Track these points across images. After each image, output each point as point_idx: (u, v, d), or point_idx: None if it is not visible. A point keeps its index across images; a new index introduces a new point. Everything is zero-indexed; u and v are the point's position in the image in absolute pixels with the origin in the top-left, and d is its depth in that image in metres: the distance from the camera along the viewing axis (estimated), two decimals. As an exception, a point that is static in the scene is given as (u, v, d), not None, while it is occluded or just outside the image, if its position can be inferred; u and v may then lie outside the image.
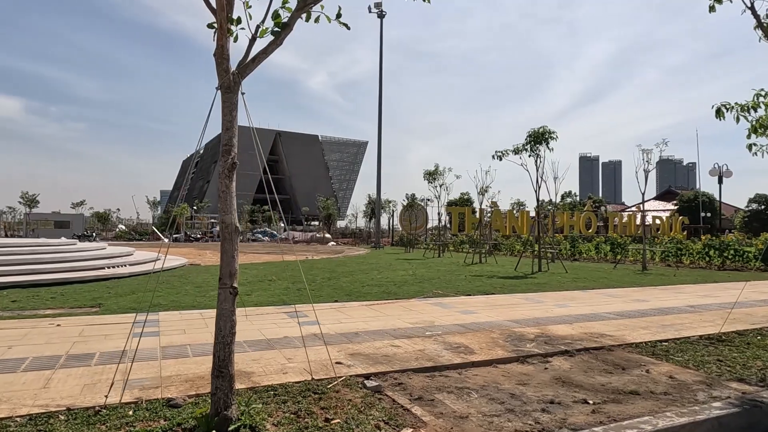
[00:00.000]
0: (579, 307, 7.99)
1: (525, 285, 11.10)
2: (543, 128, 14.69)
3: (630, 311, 7.63)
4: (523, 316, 7.07)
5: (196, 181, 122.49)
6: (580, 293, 9.78)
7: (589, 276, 13.57)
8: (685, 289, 10.78)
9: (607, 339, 5.67)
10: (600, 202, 72.20)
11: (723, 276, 14.34)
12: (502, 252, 26.94)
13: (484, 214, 40.67)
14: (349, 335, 5.64)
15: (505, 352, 5.00)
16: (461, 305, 7.96)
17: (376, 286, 10.36)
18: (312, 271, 13.94)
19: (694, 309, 7.96)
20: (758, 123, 5.78)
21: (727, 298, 9.41)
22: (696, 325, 6.57)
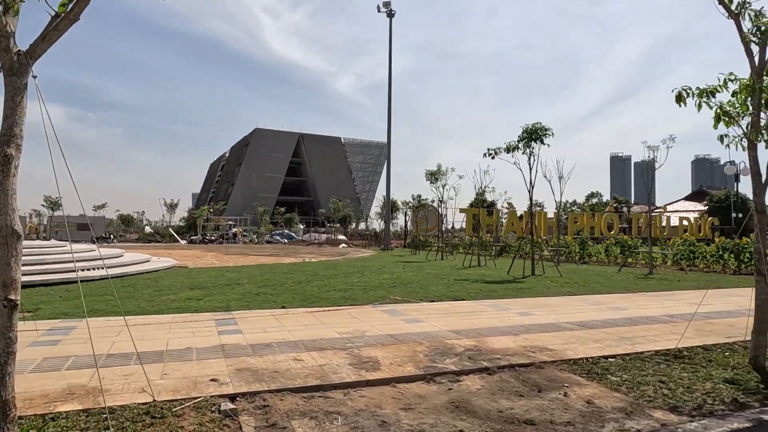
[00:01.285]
0: (543, 315, 7.34)
1: (505, 290, 10.46)
2: (537, 125, 13.96)
3: (596, 321, 6.96)
4: (472, 325, 6.49)
5: (221, 183, 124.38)
6: (558, 300, 9.09)
7: (584, 280, 12.78)
8: (678, 296, 9.95)
9: (545, 354, 5.06)
10: (625, 203, 69.85)
11: (732, 281, 13.32)
12: (511, 254, 26.07)
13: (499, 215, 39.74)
14: (258, 347, 5.20)
15: (415, 369, 4.47)
16: (414, 313, 7.42)
17: (343, 290, 9.90)
18: (294, 273, 13.57)
19: (671, 319, 7.22)
20: (721, 110, 5.10)
21: (720, 306, 8.59)
22: (660, 338, 5.88)
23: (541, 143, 14.01)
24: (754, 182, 5.06)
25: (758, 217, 5.03)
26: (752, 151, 5.10)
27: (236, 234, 49.26)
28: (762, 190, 5.01)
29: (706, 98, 5.03)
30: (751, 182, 5.07)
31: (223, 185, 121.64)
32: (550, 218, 43.02)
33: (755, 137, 5.02)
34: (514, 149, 14.21)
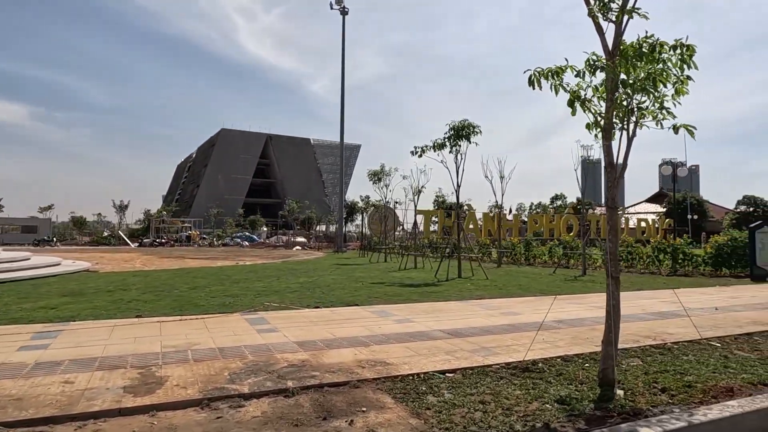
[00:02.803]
0: (422, 322, 6.75)
1: (411, 294, 9.87)
2: (464, 122, 13.47)
3: (474, 328, 6.39)
4: (326, 335, 5.85)
5: (187, 185, 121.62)
6: (455, 304, 8.53)
7: (507, 283, 12.31)
8: (588, 299, 9.53)
9: (374, 370, 4.44)
10: (588, 205, 70.69)
11: (659, 282, 13.04)
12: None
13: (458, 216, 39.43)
14: (45, 365, 4.43)
15: (197, 392, 3.78)
16: (279, 321, 6.74)
17: (232, 296, 9.16)
18: (203, 278, 12.73)
19: (558, 325, 6.70)
20: (574, 94, 4.57)
21: (623, 310, 8.15)
22: (523, 348, 5.33)
23: (468, 141, 13.53)
24: (607, 175, 4.55)
25: (608, 213, 4.51)
26: (606, 140, 4.57)
27: (191, 236, 47.77)
28: (615, 184, 4.49)
29: (553, 79, 4.50)
30: (603, 175, 4.57)
31: (188, 187, 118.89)
32: (509, 220, 43.04)
33: (609, 125, 4.51)
34: (441, 147, 13.69)
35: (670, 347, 5.55)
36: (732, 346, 5.70)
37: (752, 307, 8.58)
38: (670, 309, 8.26)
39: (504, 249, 20.96)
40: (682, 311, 8.04)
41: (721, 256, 15.29)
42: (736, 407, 3.58)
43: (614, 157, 4.66)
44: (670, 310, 8.10)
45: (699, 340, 5.93)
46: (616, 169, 4.55)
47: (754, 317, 7.56)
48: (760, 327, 6.77)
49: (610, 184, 4.51)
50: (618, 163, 4.60)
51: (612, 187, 4.49)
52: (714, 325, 6.85)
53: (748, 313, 7.99)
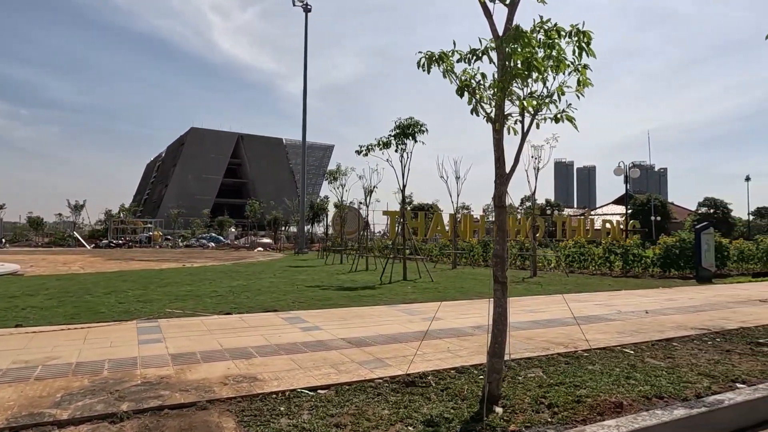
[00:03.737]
0: (329, 331, 6.29)
1: (343, 298, 9.43)
2: (410, 120, 13.08)
3: (381, 336, 5.97)
4: (209, 347, 5.34)
5: (156, 185, 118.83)
6: (381, 309, 8.12)
7: (451, 285, 11.97)
8: (524, 302, 9.23)
9: (231, 388, 3.95)
10: (557, 206, 71.50)
11: (604, 284, 12.89)
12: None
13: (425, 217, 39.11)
14: None
15: (1, 421, 3.24)
16: (175, 330, 6.20)
17: (144, 302, 8.55)
18: (133, 281, 12.04)
19: (474, 331, 6.34)
20: (463, 82, 4.18)
21: (552, 314, 7.87)
22: (419, 359, 4.92)
23: (414, 140, 13.15)
24: (496, 170, 4.17)
25: (496, 212, 4.13)
26: (497, 133, 4.20)
27: (151, 238, 46.38)
28: (504, 180, 4.11)
29: (437, 65, 4.11)
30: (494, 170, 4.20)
31: (157, 187, 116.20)
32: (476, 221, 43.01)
33: (499, 116, 4.14)
34: (386, 146, 13.28)
35: (579, 355, 5.22)
36: (646, 353, 5.41)
37: (684, 310, 8.39)
38: (600, 312, 8.01)
39: (462, 250, 20.69)
40: (610, 315, 7.79)
41: (670, 257, 15.28)
42: (612, 427, 3.23)
43: (503, 152, 4.31)
44: (599, 314, 7.84)
45: (614, 346, 5.63)
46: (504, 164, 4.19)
47: (681, 321, 7.34)
48: (683, 332, 6.53)
49: (500, 181, 4.13)
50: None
51: (500, 183, 4.11)
52: (637, 330, 6.59)
53: (678, 316, 7.78)
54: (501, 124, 4.18)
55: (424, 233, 35.45)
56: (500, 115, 4.15)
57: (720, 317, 7.69)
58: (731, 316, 7.84)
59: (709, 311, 8.30)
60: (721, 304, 9.25)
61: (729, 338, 6.26)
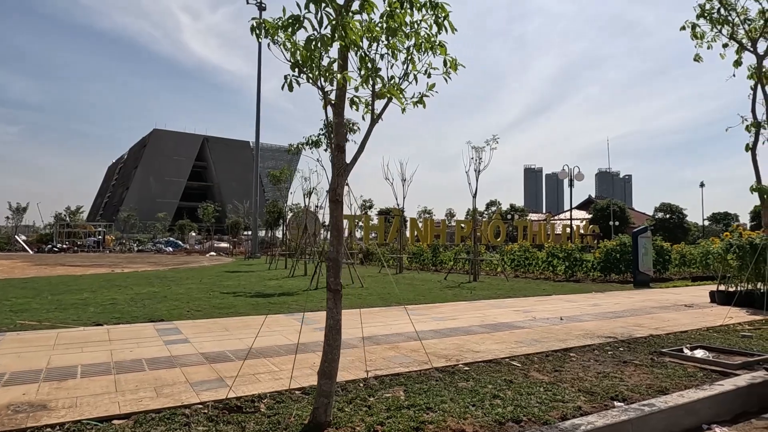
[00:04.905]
0: (197, 343, 5.62)
1: (250, 306, 8.76)
2: (341, 117, 12.48)
3: (241, 351, 5.33)
4: (34, 366, 4.61)
5: (117, 187, 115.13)
6: (280, 318, 7.48)
7: (379, 291, 11.40)
8: (437, 310, 8.72)
9: (9, 419, 3.26)
10: (521, 211, 72.05)
11: (540, 289, 12.52)
12: (376, 262, 24.77)
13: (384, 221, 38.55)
14: None
15: None
16: (13, 345, 5.42)
17: (12, 313, 7.69)
18: (22, 289, 11.06)
19: (359, 343, 5.76)
20: (305, 56, 3.59)
21: (459, 323, 7.37)
22: (268, 378, 4.31)
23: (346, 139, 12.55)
24: (334, 160, 3.61)
25: (331, 207, 3.56)
26: (337, 117, 3.65)
27: (101, 242, 44.53)
28: (343, 172, 3.55)
29: (271, 35, 3.51)
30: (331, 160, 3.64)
31: (118, 189, 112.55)
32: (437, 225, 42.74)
33: (340, 97, 3.59)
34: (316, 144, 12.65)
35: (458, 370, 4.69)
36: (534, 366, 4.93)
37: (603, 317, 8.01)
38: (514, 320, 7.55)
39: (402, 255, 20.18)
40: (522, 322, 7.34)
41: (610, 262, 15.09)
42: (425, 467, 2.67)
43: (345, 138, 3.76)
44: (511, 321, 7.37)
45: (502, 359, 5.13)
46: (344, 155, 3.64)
47: (593, 328, 6.93)
48: (588, 340, 6.10)
49: (336, 171, 3.57)
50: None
51: (338, 175, 3.55)
52: (539, 339, 6.12)
53: (593, 323, 7.38)
54: (341, 107, 3.63)
55: (383, 237, 34.95)
56: (341, 96, 3.60)
57: (635, 324, 7.33)
58: (647, 322, 7.49)
59: (628, 317, 7.95)
60: (644, 309, 8.94)
61: (633, 347, 5.86)
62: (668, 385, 4.38)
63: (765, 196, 6.99)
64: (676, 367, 4.98)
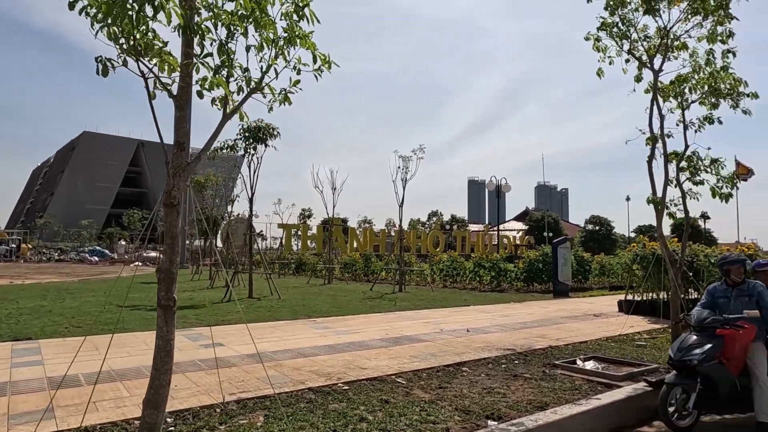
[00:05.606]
0: (54, 364, 4.98)
1: (140, 320, 8.05)
2: (260, 122, 11.99)
3: (113, 371, 4.76)
4: None
5: (41, 192, 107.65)
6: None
7: (295, 304, 10.92)
8: (346, 323, 8.39)
9: None
10: (461, 222, 73.48)
11: (460, 299, 12.46)
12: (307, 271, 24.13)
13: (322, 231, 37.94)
14: None
15: None
16: None
17: None
18: None
19: (241, 361, 5.31)
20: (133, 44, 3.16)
21: (361, 335, 7.06)
22: (111, 406, 3.80)
23: (265, 145, 12.08)
24: (173, 159, 3.20)
25: (165, 212, 3.15)
26: (180, 110, 3.25)
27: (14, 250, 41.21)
28: (182, 171, 3.14)
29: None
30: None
31: (42, 195, 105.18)
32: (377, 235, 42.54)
33: (183, 89, 3.19)
34: (231, 149, 12.09)
35: (336, 390, 4.34)
36: (420, 383, 4.66)
37: (510, 328, 7.94)
38: (420, 332, 7.32)
39: (330, 265, 19.74)
40: (427, 335, 7.12)
41: (533, 271, 15.34)
42: None
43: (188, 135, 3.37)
44: (416, 334, 7.13)
45: (389, 375, 4.85)
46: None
47: (495, 340, 6.80)
48: (486, 353, 5.94)
49: (174, 171, 3.15)
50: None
51: (175, 174, 3.13)
52: (437, 353, 5.90)
53: (497, 335, 7.27)
54: (185, 99, 3.24)
55: (322, 247, 34.31)
56: (185, 86, 3.20)
57: (539, 335, 7.28)
58: (552, 333, 7.47)
59: (534, 328, 7.93)
60: (553, 319, 8.99)
61: (530, 359, 5.74)
62: (549, 400, 4.23)
63: (659, 207, 7.15)
64: (564, 380, 4.87)
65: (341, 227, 42.11)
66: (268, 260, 29.32)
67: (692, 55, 7.63)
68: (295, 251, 39.80)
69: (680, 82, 7.73)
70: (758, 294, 4.23)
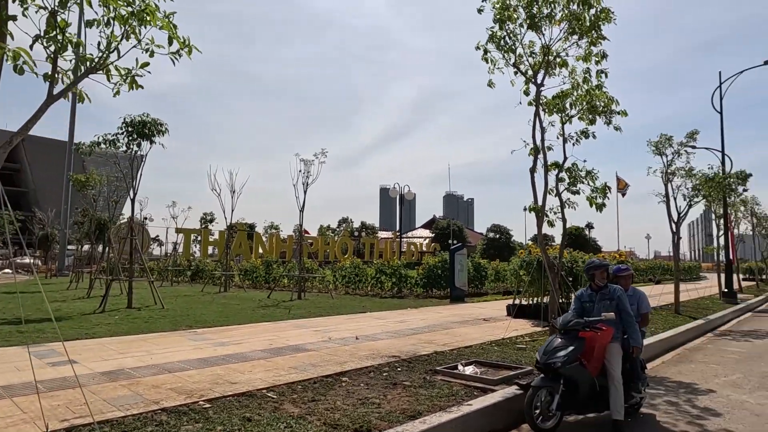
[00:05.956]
0: None
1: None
2: (146, 116, 11.04)
3: None
4: None
5: None
6: (12, 351, 5.98)
7: (177, 314, 10.13)
8: (229, 333, 7.89)
9: None
10: (371, 229, 74.13)
11: (359, 305, 12.33)
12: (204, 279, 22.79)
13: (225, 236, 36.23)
14: None
15: None
16: None
17: None
18: None
19: (81, 382, 4.68)
20: None
21: (247, 346, 6.62)
22: None
23: (151, 142, 11.14)
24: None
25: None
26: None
27: None
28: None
29: None
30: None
31: None
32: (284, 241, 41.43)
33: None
34: (113, 144, 11.02)
35: (192, 409, 3.92)
36: (292, 396, 4.37)
37: (401, 334, 7.89)
38: (307, 341, 7.02)
39: (227, 272, 18.81)
40: (313, 344, 6.84)
41: (432, 277, 15.62)
42: None
43: None
44: (303, 343, 6.83)
45: (260, 390, 4.50)
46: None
47: (382, 347, 6.69)
48: (369, 362, 5.78)
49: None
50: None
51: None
52: (318, 363, 5.64)
53: (386, 341, 7.17)
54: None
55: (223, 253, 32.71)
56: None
57: (427, 340, 7.29)
58: (440, 338, 7.52)
59: (424, 334, 7.94)
60: (444, 324, 9.10)
61: (413, 366, 5.66)
62: (424, 408, 4.13)
63: (539, 214, 7.49)
64: (443, 386, 4.82)
65: (246, 232, 40.56)
66: (163, 267, 27.36)
67: (572, 72, 8.11)
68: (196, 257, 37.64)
69: (561, 98, 8.19)
70: (618, 298, 4.45)
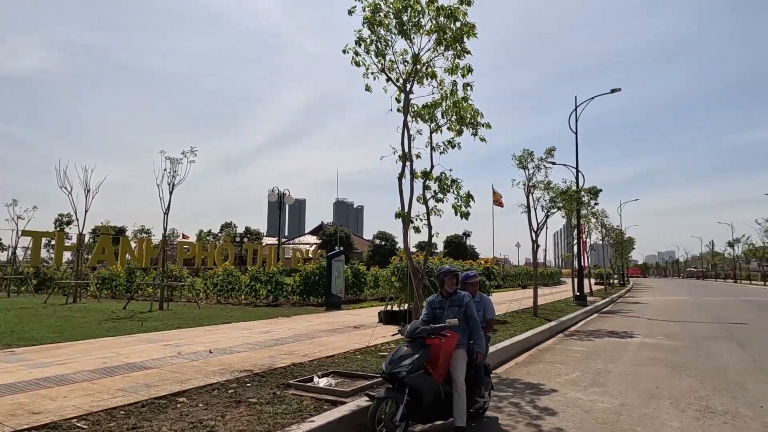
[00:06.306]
0: None
1: None
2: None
3: None
4: None
5: None
6: None
7: None
8: (55, 353, 6.87)
9: None
10: (255, 235, 71.68)
11: (226, 315, 11.57)
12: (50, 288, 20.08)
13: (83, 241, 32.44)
14: None
15: None
16: None
17: None
18: None
19: None
20: None
21: (78, 365, 5.73)
22: None
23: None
24: None
25: None
26: None
27: None
28: None
29: None
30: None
31: None
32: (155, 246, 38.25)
33: None
34: None
35: (-33, 451, 3.18)
36: (108, 425, 3.76)
37: (262, 345, 7.44)
38: (150, 358, 6.29)
39: (79, 281, 16.82)
40: (159, 360, 6.14)
41: (309, 285, 15.25)
42: None
43: None
44: (143, 361, 6.09)
45: (69, 419, 3.82)
46: None
47: (237, 360, 6.20)
48: (217, 378, 5.28)
49: None
50: None
51: None
52: (155, 383, 5.01)
53: (242, 354, 6.69)
54: None
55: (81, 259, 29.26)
56: None
57: (289, 351, 6.92)
58: (303, 348, 7.19)
59: (287, 344, 7.57)
60: (312, 333, 8.80)
61: (265, 381, 5.27)
62: (264, 429, 3.78)
63: (405, 221, 7.52)
64: (292, 402, 4.50)
65: (111, 237, 36.79)
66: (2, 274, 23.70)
67: (440, 83, 8.31)
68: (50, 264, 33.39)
69: (431, 108, 8.34)
70: (466, 305, 4.48)
